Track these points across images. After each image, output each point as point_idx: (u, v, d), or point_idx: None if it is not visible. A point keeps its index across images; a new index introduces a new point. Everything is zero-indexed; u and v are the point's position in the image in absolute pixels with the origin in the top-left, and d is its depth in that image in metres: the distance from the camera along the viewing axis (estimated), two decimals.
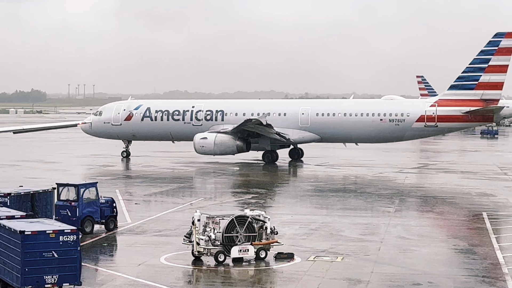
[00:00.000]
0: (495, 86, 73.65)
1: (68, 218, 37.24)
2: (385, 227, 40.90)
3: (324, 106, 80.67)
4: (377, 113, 76.69)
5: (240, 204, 48.87)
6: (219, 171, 71.81)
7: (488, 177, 66.97)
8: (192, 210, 39.91)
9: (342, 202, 51.78)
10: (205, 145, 74.50)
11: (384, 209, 48.21)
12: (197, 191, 59.23)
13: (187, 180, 65.75)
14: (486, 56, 73.25)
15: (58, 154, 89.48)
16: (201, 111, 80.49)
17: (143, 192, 56.04)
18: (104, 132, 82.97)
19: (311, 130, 77.96)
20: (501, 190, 57.54)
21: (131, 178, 67.32)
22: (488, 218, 43.77)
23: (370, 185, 61.25)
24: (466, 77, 74.41)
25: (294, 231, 39.48)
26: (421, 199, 53.92)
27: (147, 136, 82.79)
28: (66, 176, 61.23)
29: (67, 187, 38.89)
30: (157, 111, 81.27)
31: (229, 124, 77.16)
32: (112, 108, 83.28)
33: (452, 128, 78.57)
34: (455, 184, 62.33)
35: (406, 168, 75.63)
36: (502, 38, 72.94)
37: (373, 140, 79.07)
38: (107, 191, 48.87)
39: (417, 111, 75.89)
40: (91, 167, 76.31)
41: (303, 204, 52.22)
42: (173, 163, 78.97)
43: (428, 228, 42.22)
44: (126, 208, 46.83)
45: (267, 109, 79.15)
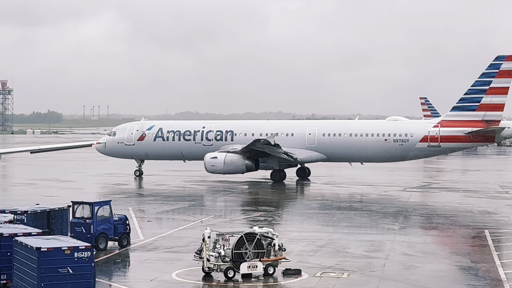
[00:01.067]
0: (497, 107, 74.52)
1: (83, 235, 37.86)
2: (390, 244, 41.49)
3: (330, 127, 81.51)
4: (381, 134, 77.71)
5: (249, 222, 49.43)
6: (228, 190, 72.63)
7: (490, 196, 67.58)
8: (202, 227, 40.31)
9: (348, 219, 52.38)
10: (215, 164, 75.51)
11: (389, 226, 48.89)
12: (208, 209, 60.00)
13: (197, 198, 66.73)
14: (488, 78, 74.15)
15: (73, 173, 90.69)
16: (212, 131, 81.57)
17: (155, 209, 56.83)
18: (118, 151, 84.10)
19: (317, 150, 78.91)
20: (502, 208, 58.06)
21: (143, 196, 68.35)
22: (490, 236, 44.22)
23: (375, 203, 61.92)
24: (468, 99, 75.27)
25: (302, 248, 40.05)
26: (425, 217, 54.61)
27: (159, 156, 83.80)
28: (81, 194, 62.24)
29: (82, 205, 39.62)
30: (169, 131, 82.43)
31: (238, 144, 78.13)
32: (125, 129, 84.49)
33: (454, 148, 79.23)
34: (457, 202, 62.95)
35: (410, 187, 76.26)
36: (503, 61, 73.87)
37: (378, 159, 79.88)
38: (120, 209, 49.69)
39: (420, 132, 76.84)
40: (105, 185, 77.38)
41: (310, 221, 52.62)
42: (184, 182, 79.97)
43: (432, 245, 42.77)
44: (139, 225, 47.59)
45: (275, 129, 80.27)
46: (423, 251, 40.02)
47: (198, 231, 42.12)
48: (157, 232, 45.46)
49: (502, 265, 35.62)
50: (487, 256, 38.14)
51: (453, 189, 74.11)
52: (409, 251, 39.77)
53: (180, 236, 44.13)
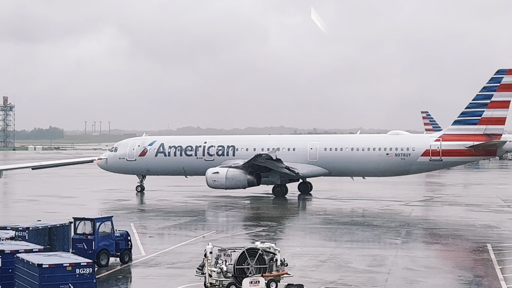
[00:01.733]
0: (498, 121, 74.61)
1: (84, 251, 37.97)
2: (392, 259, 41.47)
3: (332, 141, 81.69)
4: (383, 148, 77.78)
5: (251, 237, 49.44)
6: (230, 205, 72.59)
7: (492, 210, 67.57)
8: (204, 243, 40.49)
9: (350, 234, 52.40)
10: (217, 180, 75.66)
11: (391, 241, 48.86)
12: (209, 224, 59.99)
13: (199, 213, 66.70)
14: (489, 92, 74.33)
15: (75, 189, 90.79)
16: (213, 146, 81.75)
17: (157, 225, 56.85)
18: (120, 167, 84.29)
19: (319, 164, 79.03)
20: (505, 222, 58.06)
21: (145, 212, 68.35)
22: (492, 250, 44.23)
23: (377, 217, 61.87)
24: (469, 113, 75.41)
25: (304, 263, 40.03)
26: (427, 231, 54.53)
27: (161, 171, 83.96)
28: (82, 210, 62.36)
29: (83, 221, 39.66)
30: (171, 146, 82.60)
31: (240, 159, 78.32)
32: (127, 144, 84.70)
33: (456, 162, 79.31)
34: (460, 216, 62.92)
35: (412, 201, 76.26)
36: (504, 75, 74.06)
37: (379, 174, 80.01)
38: (122, 224, 49.88)
39: (422, 146, 76.92)
40: (107, 201, 77.35)
41: (312, 236, 52.65)
42: (186, 197, 79.96)
43: (434, 259, 42.77)
44: (141, 241, 47.56)
45: (276, 144, 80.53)
46: (426, 265, 39.99)
47: (200, 247, 42.18)
48: (159, 248, 45.44)
49: (504, 279, 35.62)
50: (490, 270, 38.12)
51: (455, 203, 74.12)
52: (412, 266, 39.73)
53: (182, 252, 44.10)
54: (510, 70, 74.45)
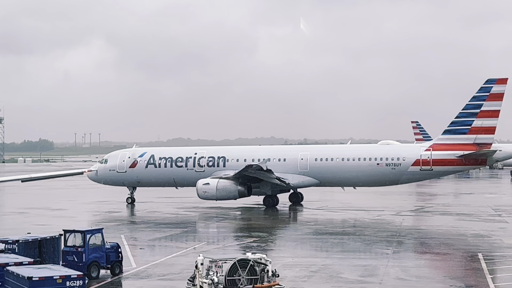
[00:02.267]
0: (488, 130, 74.80)
1: (74, 264, 37.80)
2: (383, 269, 41.48)
3: (323, 152, 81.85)
4: (374, 158, 77.86)
5: (242, 248, 49.33)
6: (221, 216, 72.52)
7: (483, 219, 67.65)
8: (195, 254, 40.40)
9: (341, 244, 52.46)
10: (208, 191, 75.58)
11: (382, 251, 48.80)
12: (200, 235, 59.96)
13: (190, 224, 66.55)
14: (478, 101, 74.54)
15: (65, 201, 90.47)
16: (204, 157, 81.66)
17: (147, 237, 56.69)
18: (110, 179, 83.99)
19: (310, 175, 79.03)
20: (495, 231, 58.10)
21: (135, 223, 68.10)
22: (483, 259, 44.28)
23: (368, 227, 61.87)
24: (459, 122, 75.62)
25: (295, 274, 39.96)
26: (418, 240, 54.55)
27: (151, 183, 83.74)
28: (72, 222, 62.13)
29: (73, 233, 39.43)
30: (161, 158, 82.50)
31: (230, 170, 78.29)
32: (117, 156, 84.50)
33: (446, 171, 79.47)
34: (450, 226, 62.96)
35: (403, 210, 76.33)
36: (493, 84, 74.29)
37: (370, 184, 79.93)
38: (112, 236, 49.70)
39: (412, 156, 77.01)
40: (97, 213, 77.09)
41: (303, 247, 52.61)
42: (177, 209, 79.81)
43: (426, 269, 42.75)
44: (131, 253, 47.43)
45: (267, 155, 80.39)
46: (417, 275, 40.03)
47: (191, 258, 41.98)
48: (149, 260, 45.31)
49: None
50: (481, 280, 38.14)
51: (446, 213, 74.21)
52: (403, 276, 39.76)
53: (173, 263, 43.99)
54: (499, 80, 74.73)
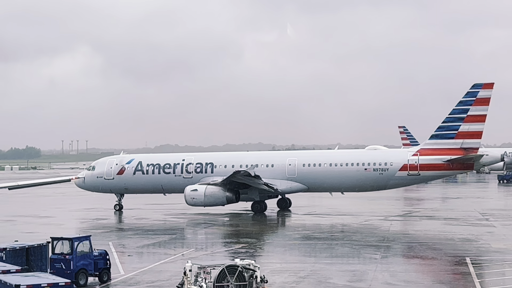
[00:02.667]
0: (475, 135, 75.08)
1: (62, 271, 37.66)
2: (372, 274, 41.55)
3: (310, 157, 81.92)
4: (361, 163, 77.94)
5: (231, 254, 49.39)
6: (209, 222, 72.43)
7: (470, 223, 67.88)
8: (183, 261, 40.30)
9: (329, 250, 52.55)
10: (196, 197, 75.45)
11: (370, 256, 48.90)
12: (189, 242, 59.82)
13: (178, 231, 66.39)
14: (465, 106, 74.81)
15: (52, 209, 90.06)
16: (191, 163, 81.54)
17: (135, 244, 56.56)
18: (97, 186, 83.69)
19: (298, 180, 79.05)
20: (483, 236, 58.31)
21: (123, 230, 67.89)
22: (471, 263, 44.46)
23: (356, 232, 61.97)
24: (446, 127, 75.81)
25: (284, 279, 39.96)
26: (406, 245, 54.61)
27: (139, 189, 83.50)
28: (60, 230, 61.87)
29: (61, 241, 39.35)
30: (149, 164, 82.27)
31: (218, 176, 78.11)
32: (104, 163, 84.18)
33: (434, 176, 79.57)
34: (438, 230, 63.19)
35: (391, 215, 76.47)
36: (480, 89, 74.58)
37: (358, 189, 79.93)
38: (100, 243, 49.49)
39: (400, 160, 77.19)
40: (85, 220, 76.81)
41: (292, 252, 52.58)
42: (165, 215, 79.64)
43: (414, 273, 42.92)
44: (119, 260, 47.31)
45: (255, 160, 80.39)
46: (406, 280, 40.12)
47: (180, 265, 41.98)
48: (138, 267, 45.18)
49: None
50: (469, 284, 38.27)
51: (434, 217, 74.48)
52: (391, 280, 39.83)
53: (161, 270, 43.91)
54: (485, 84, 75.11)
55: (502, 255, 48.20)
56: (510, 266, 43.68)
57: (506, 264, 44.44)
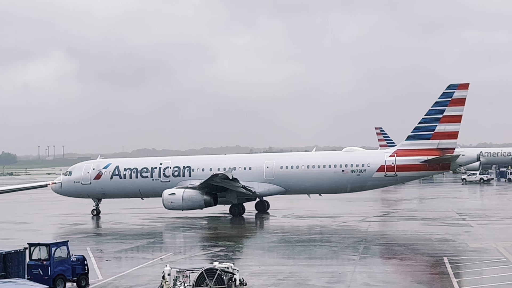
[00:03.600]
0: (451, 135, 75.55)
1: (40, 277, 37.41)
2: (350, 275, 41.66)
3: (288, 159, 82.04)
4: (339, 165, 78.20)
5: (209, 257, 49.34)
6: (187, 226, 72.34)
7: (448, 223, 68.29)
8: (162, 265, 40.22)
9: (308, 251, 52.60)
10: (174, 201, 75.33)
11: (349, 257, 49.04)
12: (167, 246, 59.74)
13: (156, 235, 66.20)
14: (441, 107, 75.26)
15: (29, 215, 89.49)
16: (169, 167, 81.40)
17: (113, 248, 56.37)
18: (74, 191, 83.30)
19: (276, 182, 79.21)
20: (460, 235, 58.68)
21: (101, 235, 67.56)
22: (449, 263, 44.71)
23: (334, 234, 62.09)
24: (422, 128, 76.24)
25: (263, 282, 39.98)
26: (384, 246, 54.83)
27: (116, 194, 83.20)
28: (37, 236, 61.40)
29: (38, 246, 39.10)
30: (126, 169, 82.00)
31: (196, 179, 78.04)
32: (81, 168, 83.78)
33: (411, 177, 79.96)
34: (416, 230, 63.53)
35: (369, 216, 76.80)
36: (455, 90, 75.11)
37: (336, 190, 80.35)
38: (78, 249, 48.99)
39: (377, 162, 77.51)
40: (62, 226, 76.33)
41: (270, 255, 52.68)
42: (143, 219, 79.38)
43: (392, 274, 43.11)
44: (97, 265, 47.09)
45: (232, 163, 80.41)
46: (384, 280, 40.30)
47: (158, 269, 41.90)
48: (116, 272, 45.02)
49: None
50: (447, 284, 38.44)
51: (411, 218, 74.88)
52: (370, 281, 39.97)
53: (139, 275, 43.73)
54: (461, 85, 75.63)
55: (479, 254, 48.53)
56: (487, 266, 43.92)
57: (483, 264, 44.69)
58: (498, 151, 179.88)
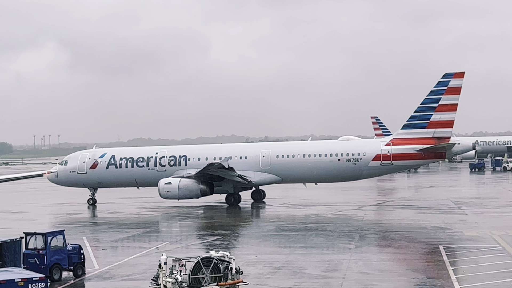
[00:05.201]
0: (446, 124, 75.59)
1: (36, 266, 37.43)
2: (346, 263, 41.75)
3: (284, 148, 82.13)
4: (334, 154, 78.28)
5: (206, 246, 49.41)
6: (184, 215, 72.45)
7: (443, 212, 68.48)
8: (158, 254, 40.14)
9: (304, 240, 52.73)
10: (170, 190, 75.39)
11: (345, 245, 49.17)
12: (163, 235, 59.82)
13: (152, 224, 66.29)
14: (436, 96, 75.26)
15: (25, 204, 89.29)
16: (165, 157, 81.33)
17: (109, 238, 56.43)
18: (70, 180, 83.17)
19: (271, 172, 79.22)
20: (456, 224, 58.88)
21: (97, 225, 67.64)
22: (444, 251, 44.84)
23: (330, 223, 62.29)
24: (418, 117, 76.28)
25: (259, 271, 40.10)
26: (380, 235, 55.05)
27: (112, 183, 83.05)
28: (33, 225, 61.33)
29: (34, 236, 39.11)
30: (122, 158, 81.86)
31: (192, 168, 78.00)
32: (77, 157, 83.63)
33: (406, 165, 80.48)
34: (411, 219, 63.74)
35: (365, 205, 76.98)
36: (451, 78, 75.15)
37: (331, 179, 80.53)
38: (74, 238, 49.37)
39: (373, 151, 77.59)
40: (58, 215, 76.43)
41: (266, 244, 52.67)
42: (139, 209, 79.43)
43: (388, 262, 43.25)
44: (94, 254, 47.15)
45: (228, 153, 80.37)
46: (380, 269, 40.43)
47: (154, 258, 42.02)
48: (112, 261, 45.09)
49: (457, 280, 36.13)
50: (443, 272, 38.57)
51: (407, 206, 75.06)
52: (366, 270, 40.10)
53: (136, 264, 43.85)
54: (456, 74, 75.59)
55: (475, 242, 48.67)
56: (483, 254, 44.08)
57: (479, 252, 44.85)
58: (493, 140, 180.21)
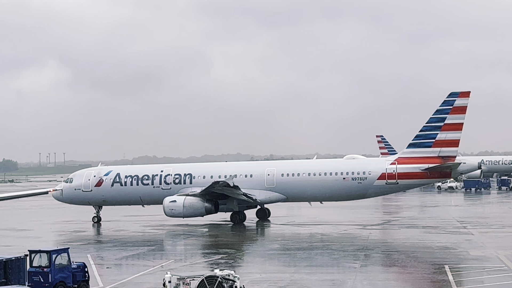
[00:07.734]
0: (452, 143, 75.54)
1: (41, 284, 37.54)
2: (351, 283, 41.61)
3: (289, 167, 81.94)
4: (340, 172, 78.20)
5: (210, 265, 49.31)
6: (188, 233, 72.35)
7: (449, 231, 68.28)
8: (163, 272, 40.22)
9: (309, 259, 52.52)
10: (175, 208, 75.32)
11: (350, 265, 49.06)
12: (168, 253, 59.75)
13: (157, 242, 66.27)
14: (442, 115, 75.24)
15: (30, 222, 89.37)
16: (170, 175, 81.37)
17: (114, 256, 56.38)
18: (75, 198, 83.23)
19: (277, 190, 79.14)
20: (461, 243, 58.68)
21: (102, 242, 67.56)
22: (450, 271, 44.71)
23: (335, 242, 62.15)
24: (423, 136, 76.22)
25: None
26: (385, 254, 54.91)
27: (117, 201, 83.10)
28: (38, 243, 61.33)
29: (39, 253, 39.14)
30: (127, 176, 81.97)
31: (197, 187, 78.04)
32: (82, 175, 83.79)
33: (412, 184, 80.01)
34: (417, 238, 63.49)
35: (370, 224, 76.84)
36: (456, 98, 75.14)
37: (337, 198, 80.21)
38: (78, 256, 49.08)
39: (378, 169, 77.46)
40: (63, 233, 76.35)
41: (271, 262, 52.63)
42: (144, 227, 79.40)
43: (393, 282, 43.10)
44: (98, 272, 47.09)
45: (233, 171, 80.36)
46: None
47: (159, 276, 41.80)
48: (116, 279, 44.98)
49: None
50: None
51: (412, 226, 74.86)
52: None
53: (140, 282, 43.72)
54: (462, 93, 75.61)
55: (481, 262, 48.52)
56: (488, 274, 43.92)
57: (484, 272, 44.69)
58: (499, 159, 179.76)
